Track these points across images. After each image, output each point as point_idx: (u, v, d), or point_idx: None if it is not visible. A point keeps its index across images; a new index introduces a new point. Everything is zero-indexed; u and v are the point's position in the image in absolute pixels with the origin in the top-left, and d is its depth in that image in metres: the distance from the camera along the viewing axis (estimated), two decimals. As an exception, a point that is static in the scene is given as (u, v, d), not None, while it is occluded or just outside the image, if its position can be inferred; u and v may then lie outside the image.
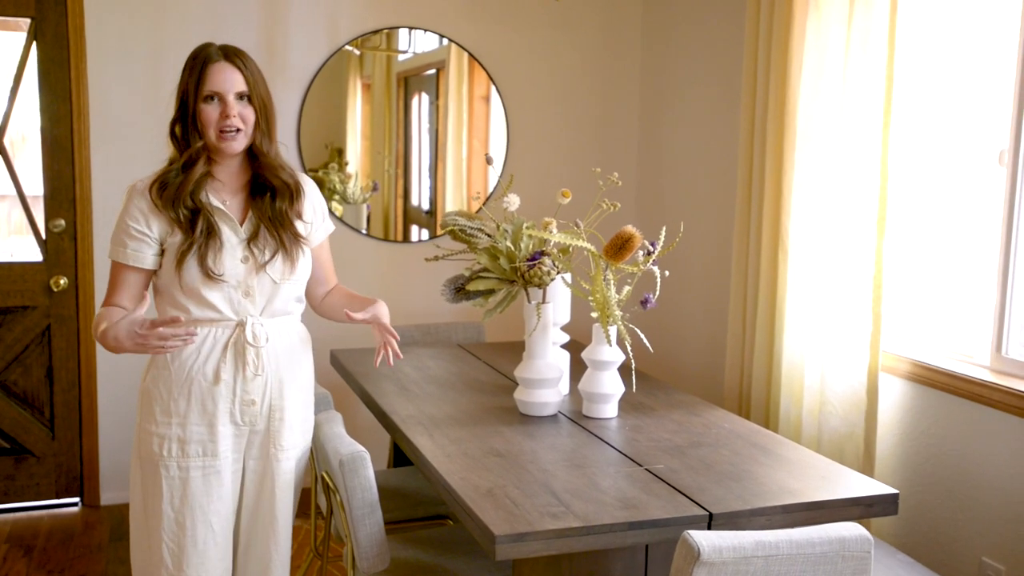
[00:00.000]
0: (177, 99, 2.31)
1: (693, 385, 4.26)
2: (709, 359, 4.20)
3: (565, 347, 3.11)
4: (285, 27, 4.22)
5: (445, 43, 4.45)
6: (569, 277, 2.86)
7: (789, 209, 3.32)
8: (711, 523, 2.12)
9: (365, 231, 4.45)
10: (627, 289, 2.70)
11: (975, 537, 2.90)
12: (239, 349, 2.33)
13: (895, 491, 2.30)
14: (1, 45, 4.07)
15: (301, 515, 3.67)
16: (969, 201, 3.11)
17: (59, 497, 4.23)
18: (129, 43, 4.04)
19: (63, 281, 4.08)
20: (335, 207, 4.37)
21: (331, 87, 4.33)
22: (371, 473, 2.41)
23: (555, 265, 2.73)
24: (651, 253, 2.63)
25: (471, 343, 3.90)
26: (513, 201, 2.79)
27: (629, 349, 2.68)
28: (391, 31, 4.39)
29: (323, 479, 2.68)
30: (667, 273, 2.78)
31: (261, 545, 2.44)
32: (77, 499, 4.26)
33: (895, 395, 3.19)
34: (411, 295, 4.46)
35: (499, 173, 4.53)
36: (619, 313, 2.67)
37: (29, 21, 3.95)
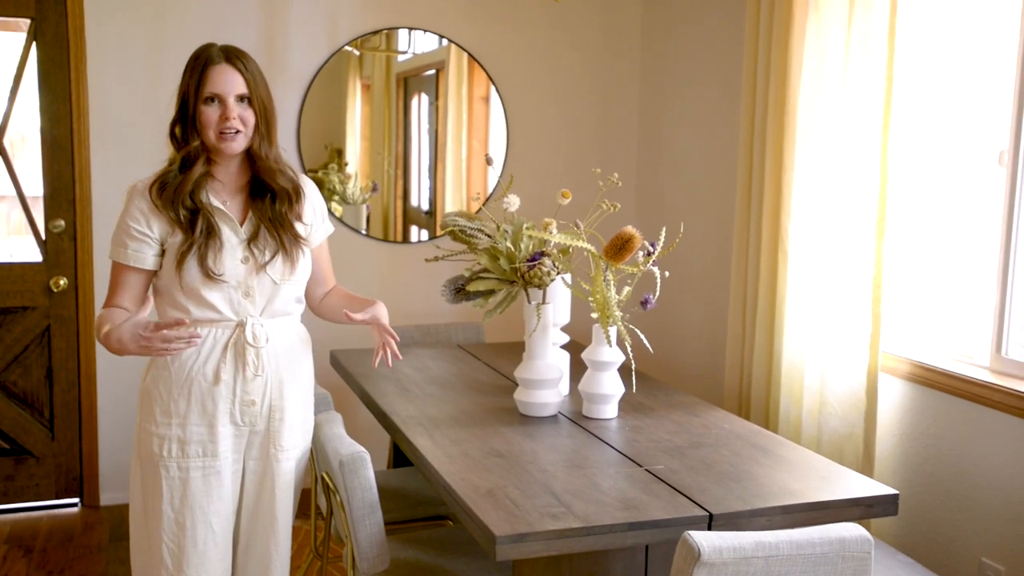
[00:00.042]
0: (178, 100, 2.31)
1: (693, 385, 4.27)
2: (709, 359, 4.20)
3: (565, 348, 3.11)
4: (285, 27, 4.22)
5: (445, 43, 4.46)
6: (569, 278, 2.87)
7: (789, 209, 3.32)
8: (711, 524, 2.12)
9: (365, 231, 4.45)
10: (627, 290, 2.71)
11: (975, 537, 2.91)
12: (239, 349, 2.33)
13: (895, 492, 2.31)
14: (1, 45, 4.07)
15: (301, 515, 3.66)
16: (969, 202, 3.11)
17: (59, 497, 4.23)
18: (129, 43, 4.04)
19: (63, 282, 4.08)
20: (335, 207, 4.37)
21: (331, 88, 4.33)
22: (371, 474, 2.41)
23: (555, 266, 2.74)
24: (651, 254, 2.63)
25: (471, 344, 3.90)
26: (513, 202, 2.79)
27: (629, 350, 2.68)
28: (391, 31, 4.39)
29: (323, 479, 2.68)
30: (667, 274, 2.78)
31: (261, 545, 2.44)
32: (77, 499, 4.26)
33: (895, 395, 3.19)
34: (410, 296, 4.46)
35: (499, 174, 4.53)
36: (619, 314, 2.67)
37: (29, 21, 3.95)
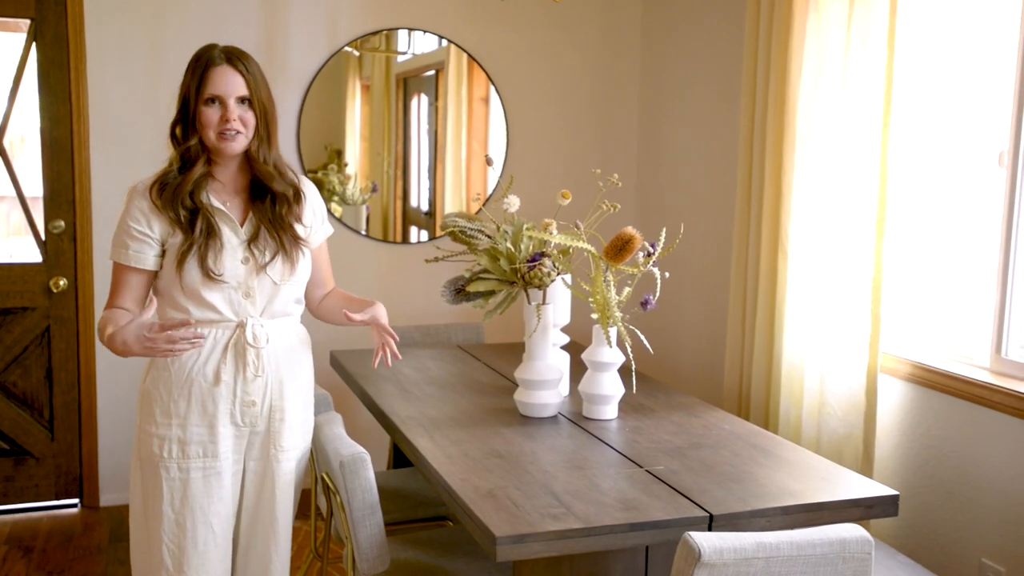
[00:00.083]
0: (179, 100, 2.31)
1: (692, 386, 4.27)
2: (708, 360, 4.20)
3: (565, 348, 3.11)
4: (285, 28, 4.22)
5: (444, 44, 4.46)
6: (569, 278, 2.87)
7: (789, 210, 3.32)
8: (712, 524, 2.12)
9: (364, 232, 4.45)
10: (627, 290, 2.70)
11: (975, 538, 2.91)
12: (239, 350, 2.33)
13: (895, 492, 2.31)
14: (1, 46, 4.07)
15: (300, 516, 3.66)
16: (969, 202, 3.11)
17: (58, 498, 4.23)
18: (129, 44, 4.04)
19: (63, 282, 4.08)
20: (334, 208, 4.37)
21: (330, 88, 4.33)
22: (371, 474, 2.41)
23: (555, 266, 2.73)
24: (651, 254, 2.63)
25: (470, 344, 3.90)
26: (513, 202, 2.79)
27: (629, 350, 2.68)
28: (390, 32, 4.39)
29: (323, 480, 2.68)
30: (667, 275, 2.78)
31: (261, 546, 2.44)
32: (76, 500, 4.25)
33: (895, 396, 3.19)
34: (410, 296, 4.46)
35: (499, 174, 4.53)
36: (619, 314, 2.67)
37: (29, 22, 3.95)
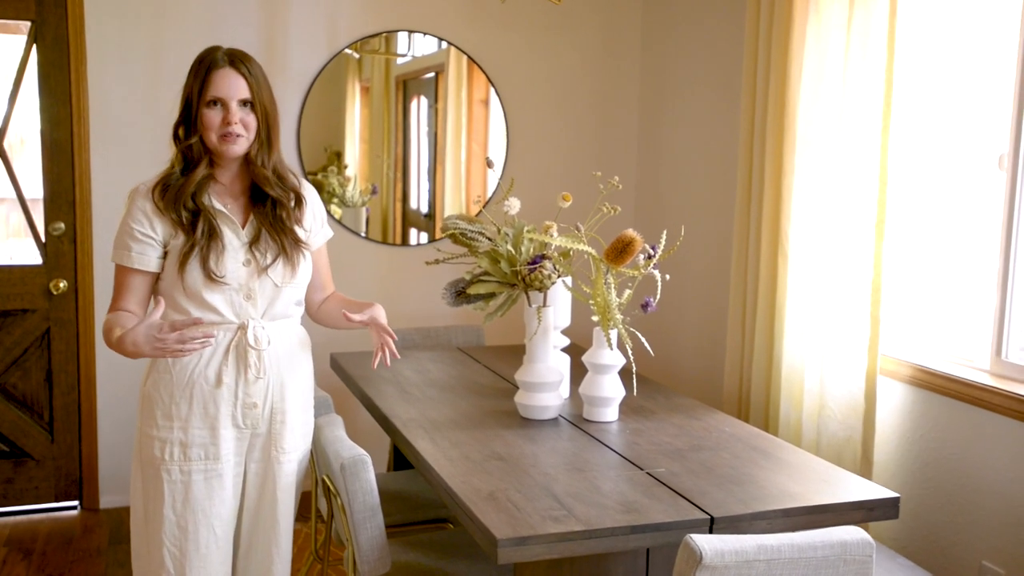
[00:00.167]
0: (181, 102, 2.31)
1: (692, 389, 4.27)
2: (708, 362, 4.20)
3: (565, 351, 3.12)
4: (284, 30, 4.22)
5: (444, 46, 4.46)
6: (570, 281, 2.87)
7: (789, 213, 3.32)
8: (712, 527, 2.12)
9: (364, 234, 4.45)
10: (628, 293, 2.71)
11: (975, 541, 2.91)
12: (241, 352, 2.33)
13: (896, 495, 2.31)
14: (1, 48, 4.07)
15: (301, 518, 3.67)
16: (969, 205, 3.11)
17: (58, 500, 4.22)
18: (129, 46, 4.04)
19: (63, 284, 4.07)
20: (334, 210, 4.37)
21: (330, 90, 4.33)
22: (372, 476, 2.41)
23: (556, 269, 2.73)
24: (652, 257, 2.63)
25: (471, 346, 3.90)
26: (514, 204, 2.79)
27: (630, 353, 2.68)
28: (390, 34, 4.40)
29: (324, 482, 2.68)
30: (668, 277, 2.78)
31: (262, 548, 2.44)
32: (76, 502, 4.25)
33: (895, 399, 3.19)
34: (409, 298, 4.46)
35: (499, 176, 4.53)
36: (620, 317, 2.67)
37: (29, 24, 3.95)
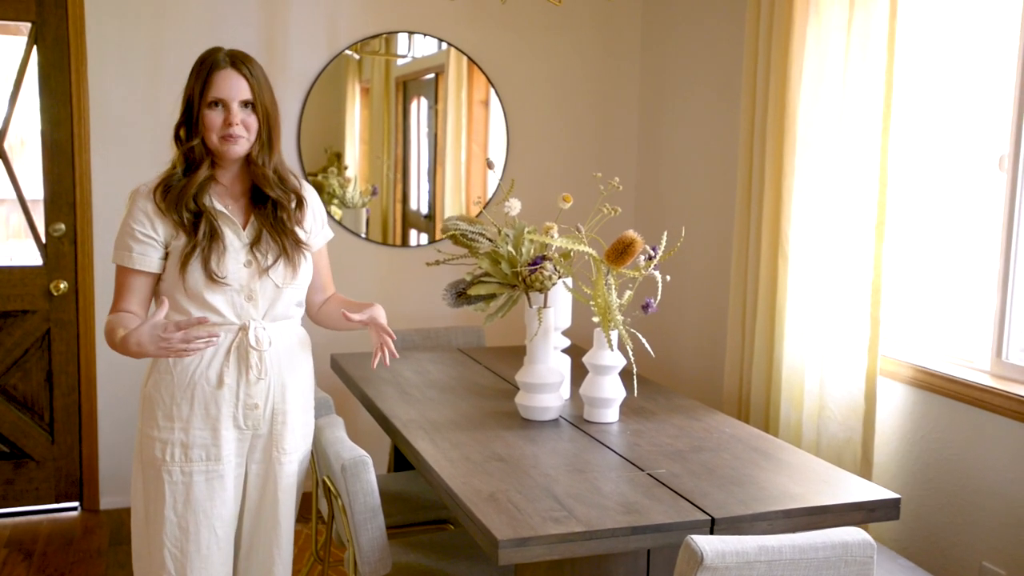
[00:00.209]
0: (182, 102, 2.31)
1: (692, 389, 4.27)
2: (708, 363, 4.20)
3: (566, 351, 3.12)
4: (285, 32, 4.22)
5: (444, 47, 4.46)
6: (570, 282, 2.87)
7: (789, 213, 3.32)
8: (713, 528, 2.12)
9: (364, 235, 4.45)
10: (628, 294, 2.71)
11: (976, 542, 2.91)
12: (242, 353, 2.33)
13: (897, 496, 2.31)
14: (2, 49, 4.07)
15: (301, 519, 3.66)
16: (969, 206, 3.12)
17: (59, 501, 4.22)
18: (129, 47, 4.04)
19: (63, 285, 4.07)
20: (334, 211, 4.37)
21: (330, 91, 4.33)
22: (373, 477, 2.41)
23: (556, 270, 2.73)
24: (652, 258, 2.63)
25: (471, 347, 3.90)
26: (514, 205, 2.79)
27: (630, 354, 2.68)
28: (390, 35, 4.40)
29: (324, 483, 2.68)
30: (668, 278, 2.78)
31: (264, 549, 2.44)
32: (76, 503, 4.25)
33: (896, 400, 3.19)
34: (409, 299, 4.46)
35: (499, 177, 4.53)
36: (620, 318, 2.67)
37: (30, 25, 3.95)
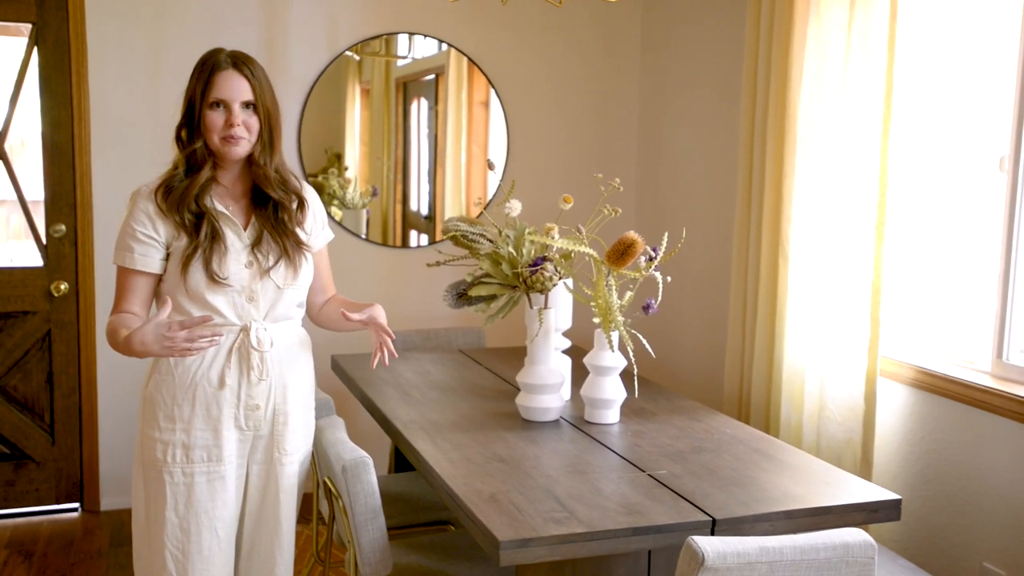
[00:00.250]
0: (184, 103, 2.31)
1: (692, 390, 4.27)
2: (708, 364, 4.20)
3: (567, 352, 3.12)
4: (285, 33, 4.23)
5: (444, 48, 4.46)
6: (571, 283, 2.87)
7: (789, 214, 3.33)
8: (714, 529, 2.12)
9: (364, 236, 4.45)
10: (629, 295, 2.71)
11: (976, 543, 2.91)
12: (243, 354, 2.33)
13: (898, 496, 2.31)
14: (2, 50, 4.07)
15: (302, 520, 3.66)
16: (970, 207, 3.12)
17: (59, 503, 4.22)
18: (130, 49, 4.04)
19: (64, 286, 4.07)
20: (334, 212, 4.37)
21: (330, 92, 4.34)
22: (374, 479, 2.41)
23: (557, 271, 2.73)
24: (653, 259, 2.63)
25: (472, 348, 3.90)
26: (515, 207, 2.79)
27: (631, 355, 2.68)
28: (390, 36, 4.40)
29: (325, 484, 2.68)
30: (669, 279, 2.78)
31: (265, 550, 2.44)
32: (77, 504, 4.25)
33: (896, 401, 3.19)
34: (410, 300, 4.46)
35: (499, 178, 4.53)
36: (621, 319, 2.67)
37: (30, 26, 3.95)
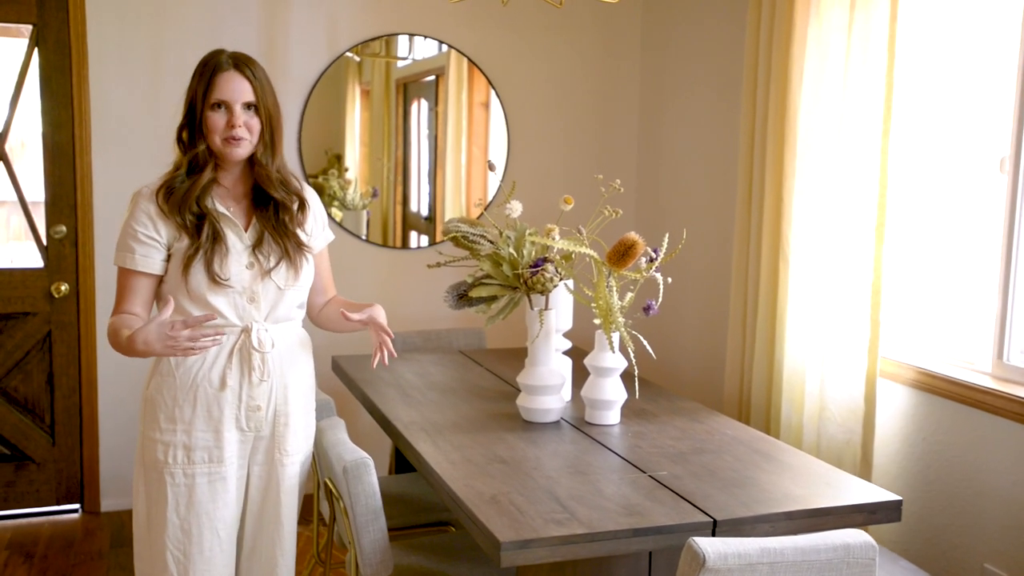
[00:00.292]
0: (185, 104, 2.31)
1: (693, 391, 4.27)
2: (709, 365, 4.20)
3: (567, 354, 3.12)
4: (285, 34, 4.23)
5: (444, 49, 4.46)
6: (572, 284, 2.87)
7: (789, 215, 3.33)
8: (715, 530, 2.12)
9: (364, 237, 4.45)
10: (629, 296, 2.71)
11: (977, 544, 2.91)
12: (245, 355, 2.33)
13: (898, 498, 2.31)
14: (3, 51, 4.07)
15: (302, 521, 3.66)
16: (970, 208, 3.12)
17: (59, 504, 4.22)
18: (130, 49, 4.05)
19: (64, 287, 4.07)
20: (335, 213, 4.37)
21: (330, 93, 4.34)
22: (375, 480, 2.41)
23: (558, 272, 2.73)
24: (653, 260, 2.63)
25: (472, 349, 3.90)
26: (516, 208, 2.79)
27: (632, 356, 2.68)
28: (390, 37, 4.40)
29: (326, 485, 2.68)
30: (670, 280, 2.78)
31: (267, 551, 2.44)
32: (77, 506, 4.25)
33: (897, 402, 3.19)
34: (409, 301, 4.46)
35: (500, 179, 4.53)
36: (622, 320, 2.67)
37: (31, 27, 3.95)
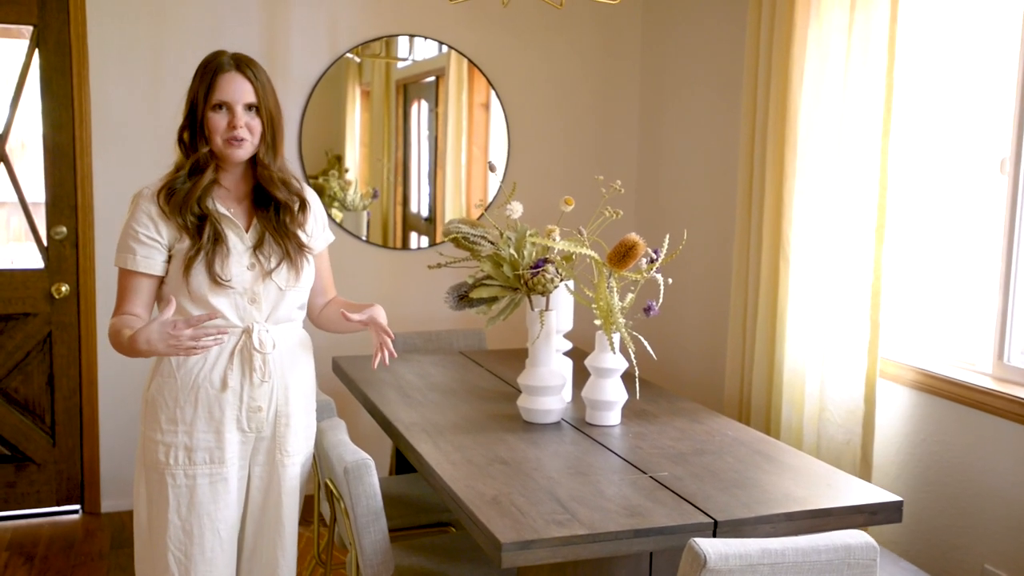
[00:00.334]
0: (187, 105, 2.32)
1: (693, 392, 4.27)
2: (709, 366, 4.20)
3: (568, 354, 3.12)
4: (286, 35, 4.23)
5: (444, 50, 4.46)
6: (572, 284, 2.87)
7: (790, 216, 3.33)
8: (716, 531, 2.12)
9: (365, 238, 4.45)
10: (630, 296, 2.71)
11: (977, 544, 2.91)
12: (246, 356, 2.33)
13: (899, 498, 2.31)
14: (3, 52, 4.07)
15: (303, 522, 3.66)
16: (970, 209, 3.12)
17: (60, 504, 4.22)
18: (131, 50, 4.05)
19: (64, 288, 4.07)
20: (335, 214, 4.37)
21: (330, 94, 4.34)
22: (376, 480, 2.41)
23: (558, 272, 2.73)
24: (654, 261, 2.63)
25: (473, 350, 3.90)
26: (516, 209, 2.79)
27: (632, 356, 2.68)
28: (391, 38, 4.40)
29: (326, 486, 2.68)
30: (670, 281, 2.78)
31: (268, 551, 2.44)
32: (78, 506, 4.25)
33: (897, 403, 3.20)
34: (410, 302, 4.46)
35: (500, 180, 4.53)
36: (622, 320, 2.67)
37: (31, 28, 3.96)
